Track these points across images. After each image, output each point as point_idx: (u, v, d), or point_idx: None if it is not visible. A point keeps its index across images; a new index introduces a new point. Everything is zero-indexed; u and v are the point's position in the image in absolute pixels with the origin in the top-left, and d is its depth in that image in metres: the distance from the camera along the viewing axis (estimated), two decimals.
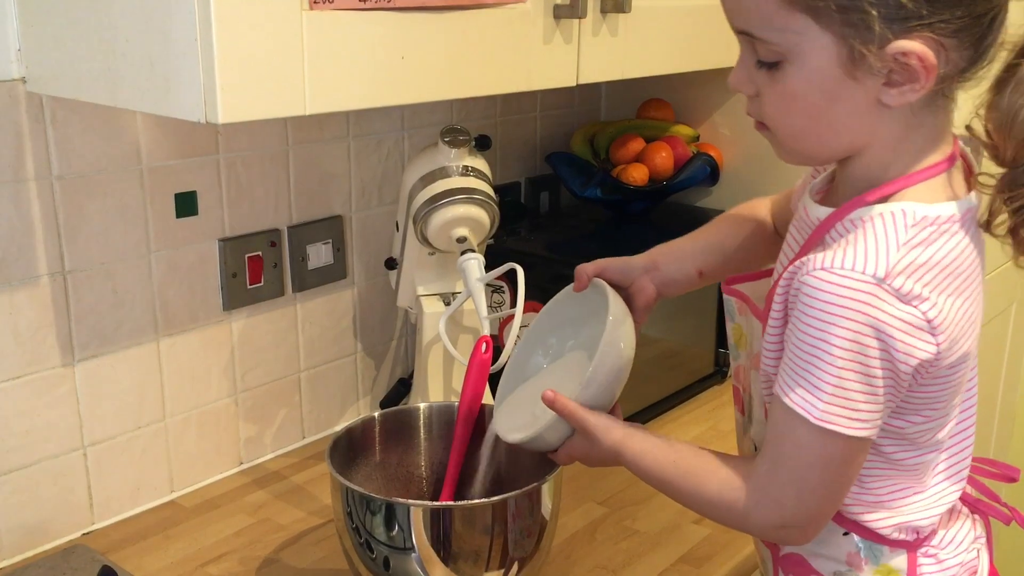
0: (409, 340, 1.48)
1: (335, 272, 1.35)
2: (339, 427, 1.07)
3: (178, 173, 1.16)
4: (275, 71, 0.83)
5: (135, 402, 1.17)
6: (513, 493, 0.93)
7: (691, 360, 1.51)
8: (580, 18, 1.09)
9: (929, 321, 0.71)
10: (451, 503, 1.00)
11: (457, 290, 1.27)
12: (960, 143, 0.80)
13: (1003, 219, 0.75)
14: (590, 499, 1.21)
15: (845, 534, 0.84)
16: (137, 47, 0.85)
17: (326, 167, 1.32)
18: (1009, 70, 0.72)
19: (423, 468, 1.12)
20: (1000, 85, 0.72)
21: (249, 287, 1.26)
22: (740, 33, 0.75)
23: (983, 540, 0.90)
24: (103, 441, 1.15)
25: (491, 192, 1.20)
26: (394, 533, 0.92)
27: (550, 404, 0.88)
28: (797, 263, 0.74)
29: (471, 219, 1.18)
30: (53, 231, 1.06)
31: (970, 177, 0.80)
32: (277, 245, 1.28)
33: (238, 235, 1.24)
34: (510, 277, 1.14)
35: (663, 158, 1.54)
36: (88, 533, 1.15)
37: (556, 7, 1.07)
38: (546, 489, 0.96)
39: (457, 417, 1.06)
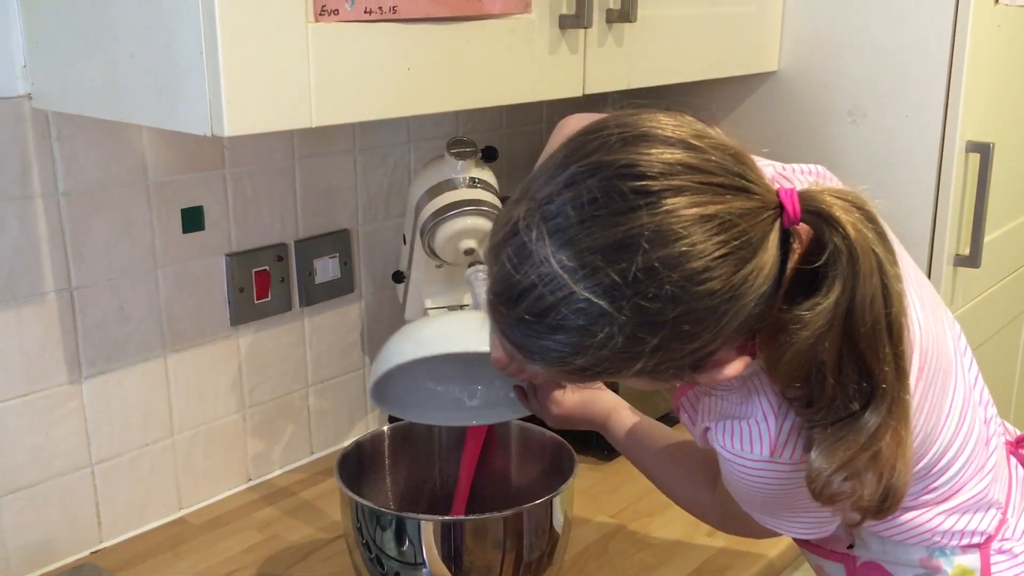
0: None
1: (342, 286, 1.35)
2: (348, 442, 1.06)
3: (184, 188, 1.16)
4: (281, 83, 0.83)
5: (142, 419, 1.17)
6: (525, 506, 0.92)
7: None
8: (586, 28, 1.09)
9: None
10: (462, 517, 0.99)
11: (465, 303, 1.26)
12: None
13: None
14: (602, 512, 1.20)
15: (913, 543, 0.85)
16: (142, 61, 0.84)
17: (332, 181, 1.32)
18: (779, 315, 0.66)
19: (433, 482, 1.11)
20: (768, 331, 0.67)
21: (256, 302, 1.25)
22: None
23: None
24: (111, 458, 1.14)
25: (499, 204, 1.19)
26: (405, 548, 0.91)
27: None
28: (705, 425, 0.78)
29: (479, 231, 1.17)
30: (59, 247, 1.06)
31: None
32: (284, 259, 1.27)
33: (245, 250, 1.23)
34: None
35: None
36: (96, 551, 1.14)
37: (562, 17, 1.07)
38: (558, 502, 0.95)
39: (467, 430, 1.05)
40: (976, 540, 0.84)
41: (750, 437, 0.73)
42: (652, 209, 0.60)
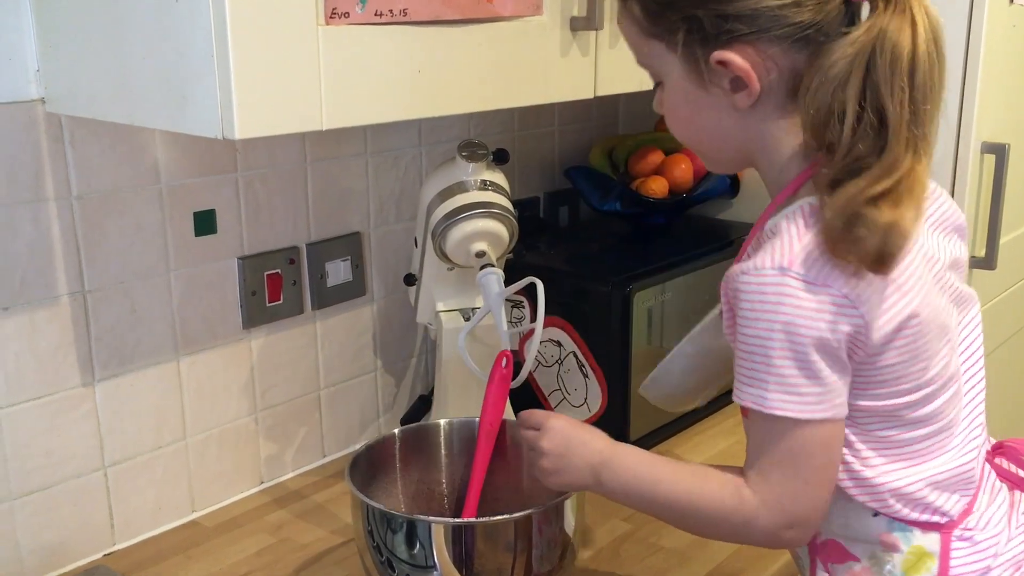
0: (429, 357, 1.47)
1: (354, 289, 1.35)
2: (359, 445, 1.06)
3: (196, 191, 1.16)
4: (291, 86, 0.83)
5: (155, 421, 1.17)
6: (536, 508, 0.92)
7: None
8: (597, 30, 1.09)
9: (845, 296, 0.76)
10: (473, 519, 0.99)
11: (477, 305, 1.26)
12: None
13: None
14: (614, 515, 1.20)
15: (875, 515, 0.85)
16: (153, 65, 0.85)
17: (344, 184, 1.32)
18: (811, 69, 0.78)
19: (444, 485, 1.11)
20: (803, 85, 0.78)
21: (268, 305, 1.25)
22: (640, 64, 0.89)
23: None
24: (124, 461, 1.15)
25: (509, 206, 1.19)
26: (416, 551, 0.91)
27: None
28: (727, 273, 0.81)
29: (490, 233, 1.17)
30: (73, 250, 1.06)
31: None
32: (296, 263, 1.28)
33: (257, 253, 1.24)
34: (530, 292, 1.13)
35: (683, 170, 1.53)
36: (109, 554, 1.15)
37: (573, 19, 1.07)
38: (569, 505, 0.95)
39: (478, 433, 1.05)
40: (938, 519, 0.84)
41: (773, 250, 0.77)
42: None
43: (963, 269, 0.89)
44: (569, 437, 0.91)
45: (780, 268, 0.76)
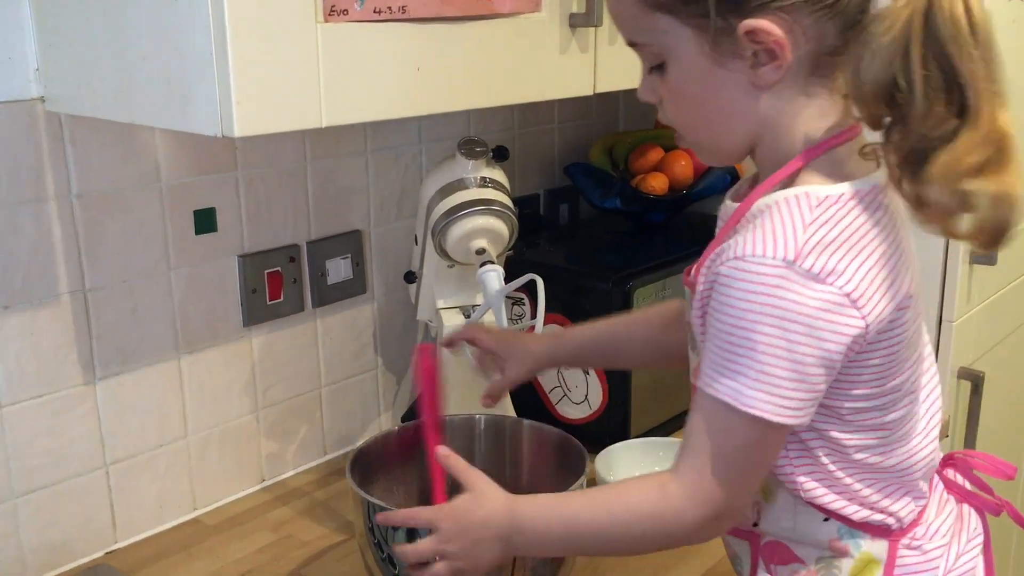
0: None
1: (355, 287, 1.35)
2: (360, 442, 1.07)
3: (197, 190, 1.16)
4: (290, 84, 0.83)
5: (157, 420, 1.17)
6: None
7: None
8: (596, 26, 1.09)
9: (848, 295, 0.71)
10: None
11: (477, 303, 1.26)
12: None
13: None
14: None
15: (825, 520, 0.82)
16: (153, 64, 0.85)
17: (344, 182, 1.32)
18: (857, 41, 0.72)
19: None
20: (850, 59, 0.73)
21: (269, 303, 1.26)
22: (630, 45, 0.81)
23: (979, 540, 0.87)
24: (125, 459, 1.15)
25: (509, 203, 1.19)
26: None
27: (443, 460, 0.90)
28: (712, 255, 0.76)
29: (490, 231, 1.17)
30: (73, 249, 1.07)
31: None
32: (296, 260, 1.28)
33: (257, 251, 1.24)
34: (530, 288, 1.13)
35: (682, 167, 1.53)
36: (111, 552, 1.15)
37: (572, 16, 1.07)
38: None
39: (426, 430, 1.02)
40: (891, 523, 0.82)
41: (773, 236, 0.72)
42: None
43: None
44: (466, 527, 0.83)
45: (786, 261, 0.71)
